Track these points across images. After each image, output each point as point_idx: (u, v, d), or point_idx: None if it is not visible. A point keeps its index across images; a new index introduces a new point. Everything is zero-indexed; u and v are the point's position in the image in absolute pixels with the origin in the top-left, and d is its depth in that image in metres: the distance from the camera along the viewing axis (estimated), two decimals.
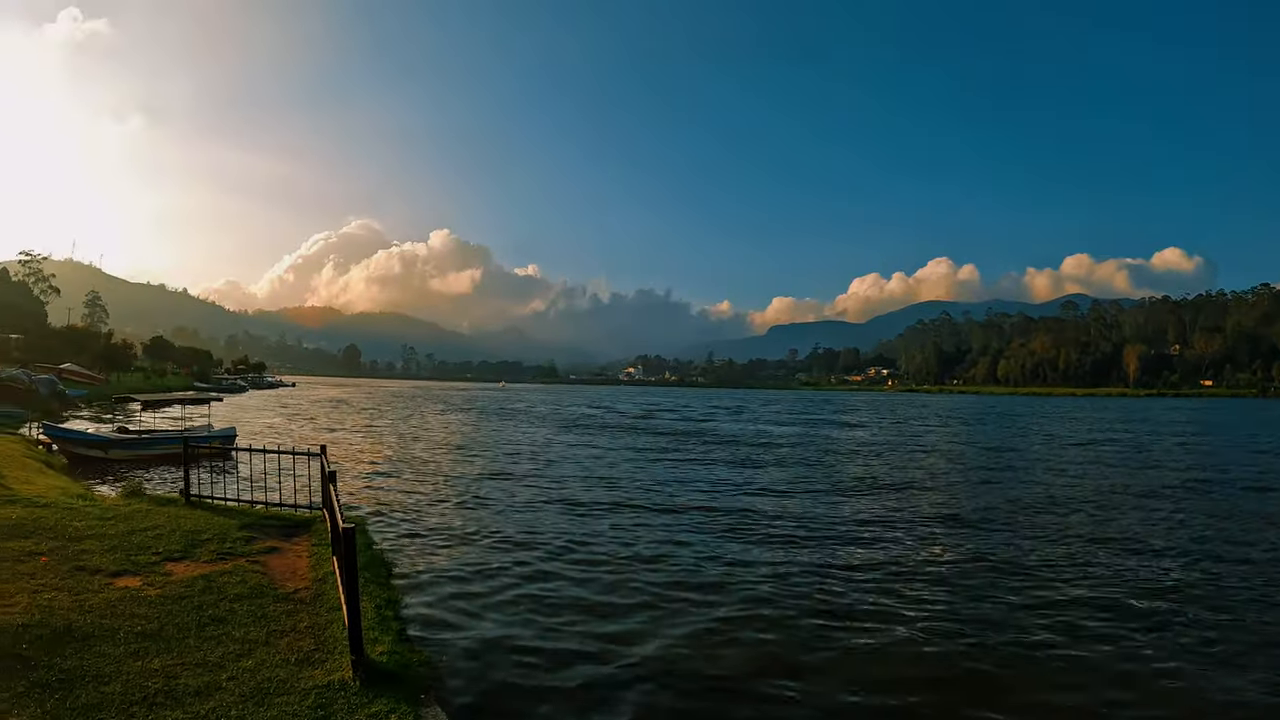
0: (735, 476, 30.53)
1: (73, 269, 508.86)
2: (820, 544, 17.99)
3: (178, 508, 16.77)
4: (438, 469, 32.13)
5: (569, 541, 17.63)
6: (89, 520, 14.58)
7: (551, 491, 25.25)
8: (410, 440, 46.22)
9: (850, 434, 54.06)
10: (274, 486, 17.57)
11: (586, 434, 51.06)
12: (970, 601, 13.63)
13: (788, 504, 23.79)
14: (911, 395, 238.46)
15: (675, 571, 15.14)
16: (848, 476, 30.49)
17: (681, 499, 24.25)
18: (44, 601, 9.73)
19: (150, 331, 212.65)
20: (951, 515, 21.98)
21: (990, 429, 61.52)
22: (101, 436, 32.81)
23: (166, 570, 11.78)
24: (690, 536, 18.45)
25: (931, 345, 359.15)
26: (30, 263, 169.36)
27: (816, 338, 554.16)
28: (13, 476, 19.68)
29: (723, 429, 57.51)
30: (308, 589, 11.35)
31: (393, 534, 18.38)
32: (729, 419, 70.77)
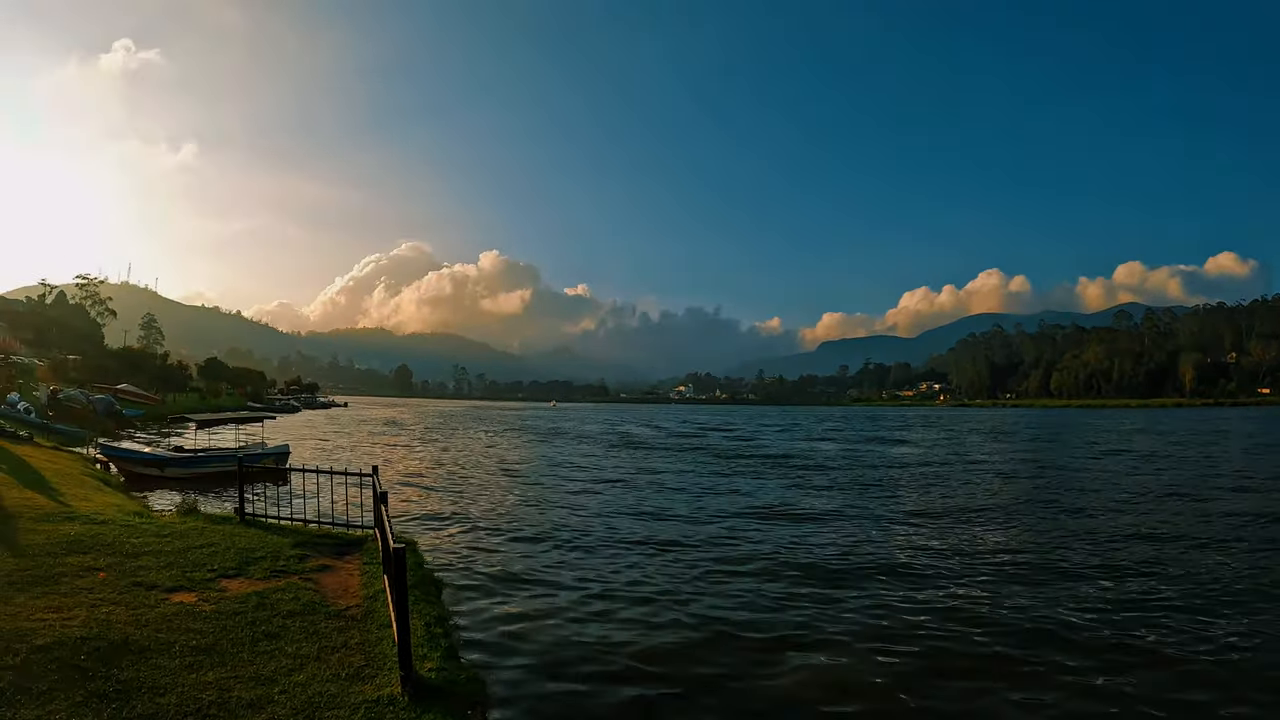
0: (795, 502, 29.74)
1: (129, 292, 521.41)
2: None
3: (232, 525, 17.09)
4: (489, 489, 32.30)
5: (621, 567, 17.54)
6: (146, 537, 14.92)
7: (604, 516, 25.01)
8: (461, 460, 46.49)
9: (900, 451, 53.15)
10: (326, 505, 17.81)
11: (639, 454, 50.75)
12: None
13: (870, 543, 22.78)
14: (963, 410, 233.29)
15: (731, 609, 14.76)
16: (919, 505, 29.96)
17: (745, 536, 22.91)
18: (102, 615, 10.00)
19: (205, 353, 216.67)
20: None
21: (1056, 448, 59.52)
22: (157, 455, 33.49)
23: (221, 586, 12.01)
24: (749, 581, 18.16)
25: (983, 359, 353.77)
26: (87, 286, 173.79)
27: (867, 353, 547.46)
28: (71, 494, 20.22)
29: (776, 449, 56.70)
30: (359, 606, 11.50)
31: (442, 553, 18.53)
32: (782, 438, 69.84)
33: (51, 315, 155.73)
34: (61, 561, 12.48)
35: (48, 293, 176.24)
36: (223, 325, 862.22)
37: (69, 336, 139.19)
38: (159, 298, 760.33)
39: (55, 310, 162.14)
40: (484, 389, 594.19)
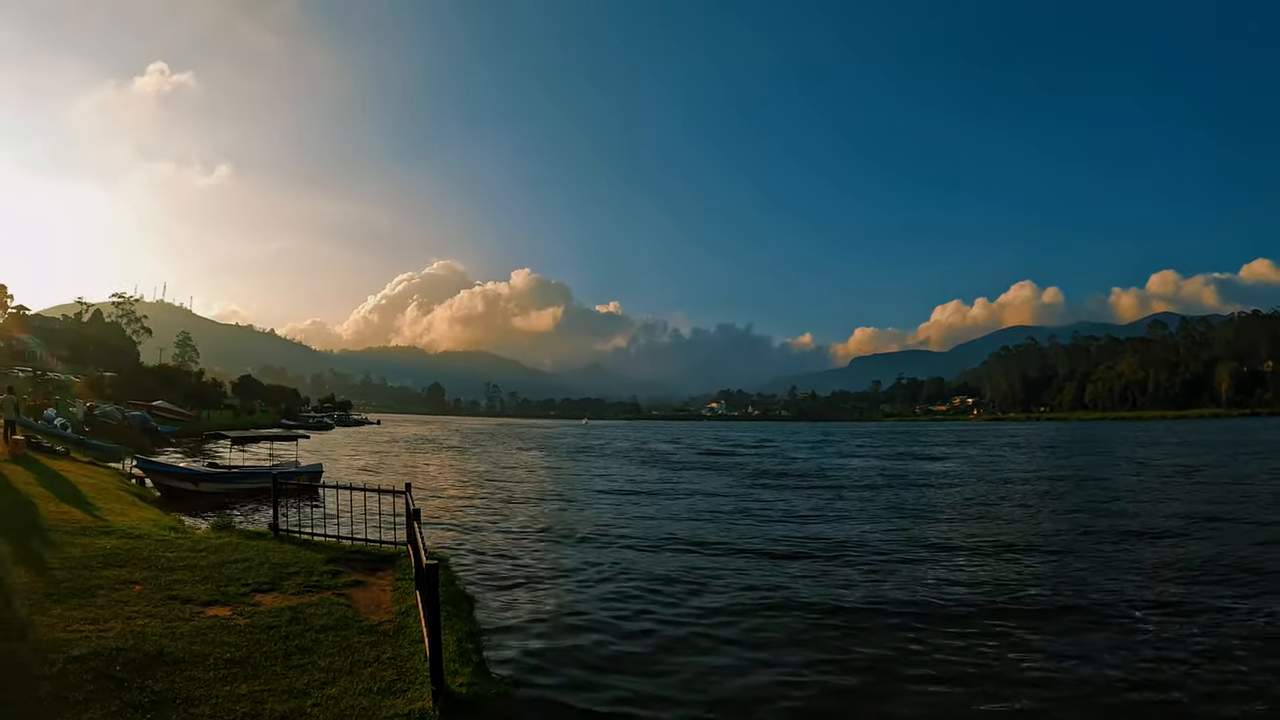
0: (830, 531, 28.97)
1: (164, 310, 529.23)
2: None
3: (266, 541, 17.27)
4: (520, 507, 32.40)
5: (652, 586, 17.51)
6: (180, 551, 15.13)
7: (636, 534, 25.00)
8: (492, 477, 46.76)
9: (936, 469, 52.25)
10: (359, 522, 17.93)
11: (670, 472, 50.61)
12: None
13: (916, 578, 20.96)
14: (997, 425, 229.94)
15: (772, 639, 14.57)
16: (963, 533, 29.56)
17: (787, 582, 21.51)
18: (137, 627, 10.15)
19: (239, 370, 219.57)
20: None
21: (1096, 464, 57.97)
22: (192, 471, 33.90)
23: (255, 601, 12.14)
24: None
25: (1016, 372, 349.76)
26: (123, 304, 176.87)
27: (899, 368, 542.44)
28: (107, 508, 20.54)
29: (809, 466, 56.20)
30: (391, 622, 11.58)
31: (474, 570, 18.68)
32: (816, 455, 69.15)
33: (88, 333, 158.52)
34: (98, 574, 12.69)
35: (84, 311, 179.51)
36: (257, 343, 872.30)
37: (105, 353, 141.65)
38: (194, 316, 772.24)
39: (91, 328, 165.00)
40: (516, 406, 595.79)
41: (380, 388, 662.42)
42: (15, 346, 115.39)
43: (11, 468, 26.01)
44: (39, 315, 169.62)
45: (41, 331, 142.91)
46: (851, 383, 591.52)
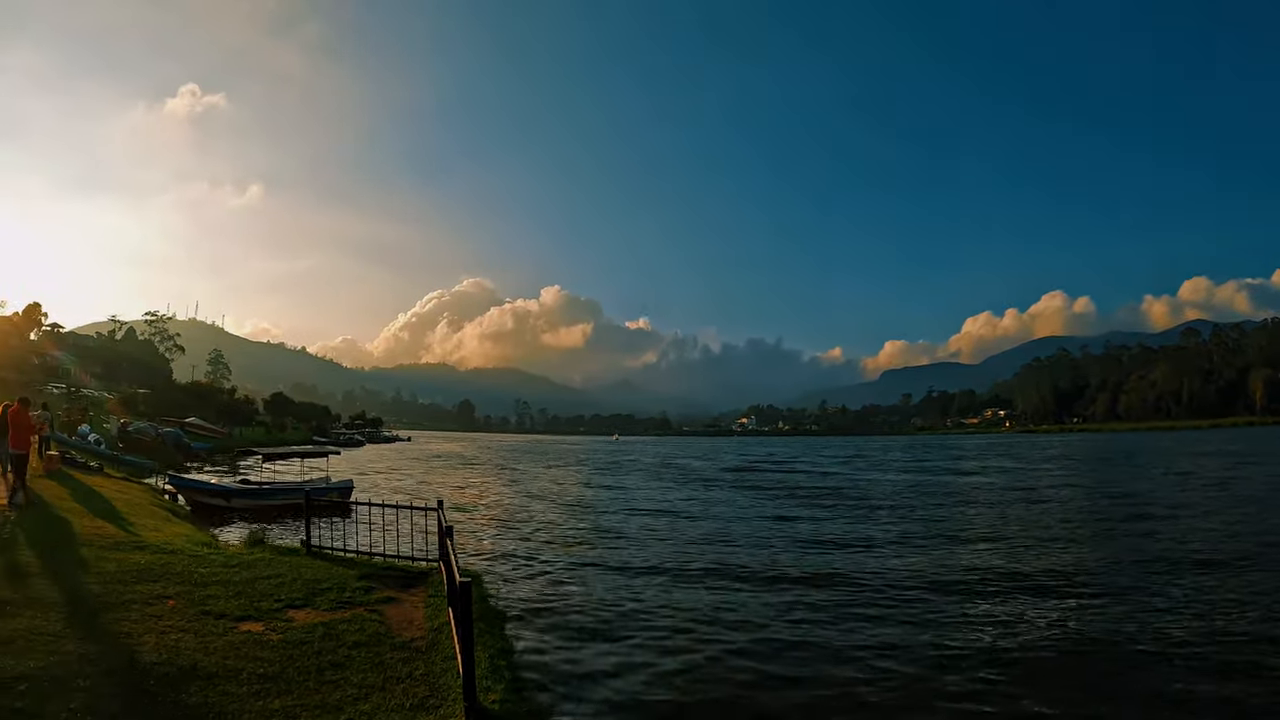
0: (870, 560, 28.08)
1: (196, 328, 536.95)
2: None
3: (298, 557, 17.37)
4: (550, 522, 32.54)
5: (680, 605, 17.45)
6: (214, 567, 15.23)
7: (668, 553, 24.89)
8: (522, 494, 47.01)
9: (972, 482, 51.24)
10: (390, 538, 17.99)
11: (702, 489, 50.37)
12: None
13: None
14: (1030, 437, 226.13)
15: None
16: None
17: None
18: (171, 642, 10.22)
19: (270, 388, 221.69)
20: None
21: (1133, 479, 56.21)
22: (224, 487, 34.25)
23: (288, 617, 12.19)
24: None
25: (1048, 383, 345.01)
26: (156, 322, 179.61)
27: (930, 381, 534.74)
28: (141, 524, 20.75)
29: (844, 483, 55.34)
30: (424, 638, 11.59)
31: (505, 586, 18.80)
32: (849, 471, 68.16)
33: (121, 350, 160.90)
34: (131, 589, 12.80)
35: (118, 329, 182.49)
36: (288, 361, 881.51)
37: (138, 371, 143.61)
38: (226, 334, 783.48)
39: (125, 345, 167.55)
40: (546, 423, 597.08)
41: (411, 405, 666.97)
42: (49, 363, 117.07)
43: (46, 483, 26.31)
44: (73, 333, 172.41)
45: (75, 349, 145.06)
46: (882, 396, 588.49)
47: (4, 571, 13.11)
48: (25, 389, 74.62)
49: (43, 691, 8.17)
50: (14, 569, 13.37)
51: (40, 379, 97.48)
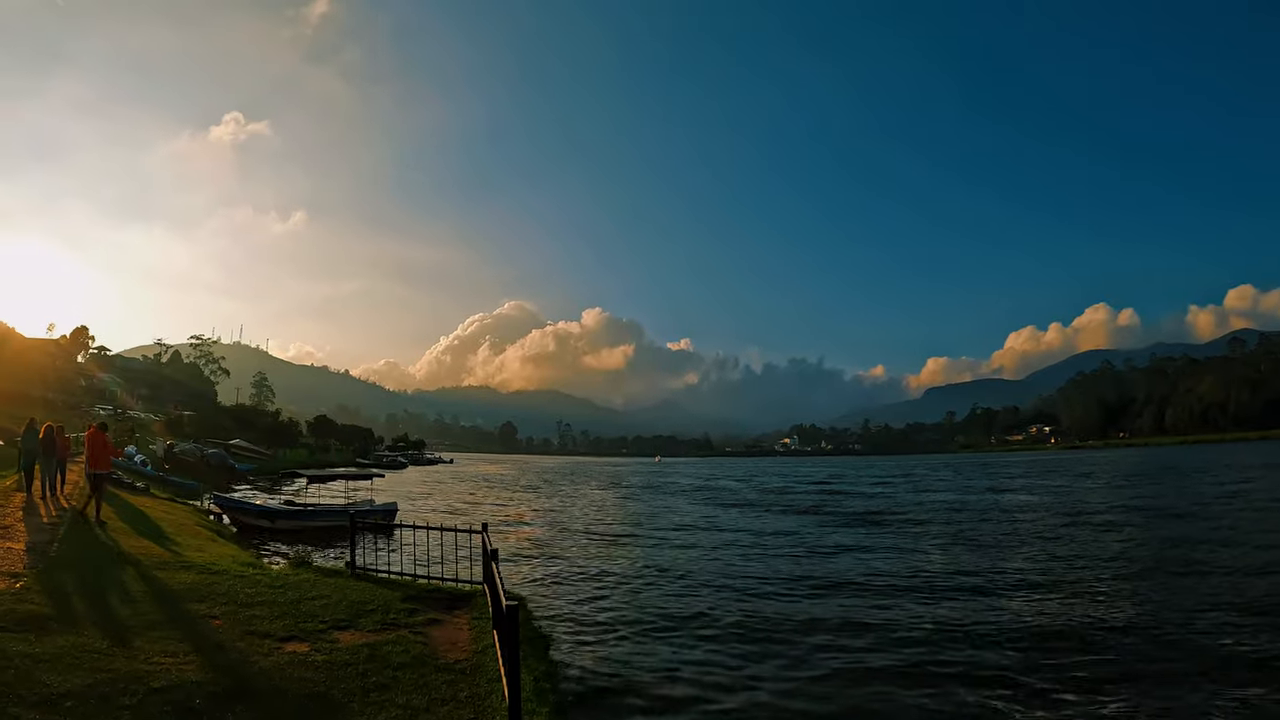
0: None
1: (240, 352, 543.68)
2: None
3: (343, 579, 17.42)
4: (592, 545, 32.65)
5: (725, 632, 17.39)
6: (259, 587, 15.34)
7: (710, 577, 24.78)
8: (562, 516, 47.18)
9: (1021, 500, 49.60)
10: (434, 560, 18.02)
11: (746, 512, 49.75)
12: None
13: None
14: (1075, 453, 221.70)
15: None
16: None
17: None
18: (217, 661, 10.30)
19: (314, 410, 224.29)
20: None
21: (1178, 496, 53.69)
22: (269, 508, 34.63)
23: (333, 638, 12.22)
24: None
25: (1093, 398, 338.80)
26: (201, 345, 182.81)
27: (974, 397, 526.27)
28: (186, 544, 20.99)
29: (889, 505, 53.68)
30: (468, 660, 11.55)
31: (548, 609, 18.86)
32: (894, 492, 66.52)
33: (166, 373, 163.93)
34: (178, 608, 12.95)
35: (163, 352, 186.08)
36: (331, 384, 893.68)
37: (183, 393, 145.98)
38: (270, 357, 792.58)
39: (170, 368, 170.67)
40: (588, 445, 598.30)
41: (453, 427, 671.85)
42: (96, 385, 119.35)
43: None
44: (120, 356, 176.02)
45: (122, 371, 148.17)
46: (925, 414, 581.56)
47: (52, 589, 13.27)
48: (72, 411, 76.17)
49: (89, 709, 8.23)
50: (61, 587, 13.54)
51: (87, 401, 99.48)
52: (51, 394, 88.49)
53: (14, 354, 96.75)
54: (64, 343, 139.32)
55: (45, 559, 15.65)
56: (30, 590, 12.95)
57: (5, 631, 10.51)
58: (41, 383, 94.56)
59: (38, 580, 13.75)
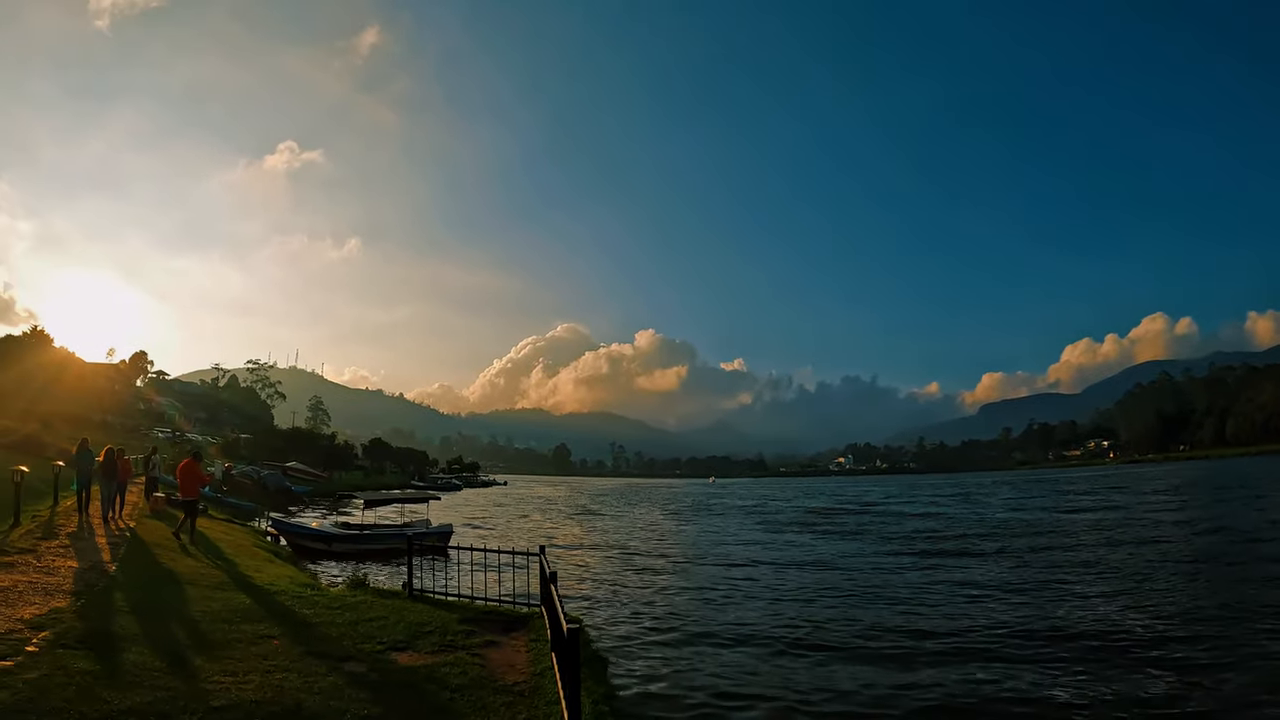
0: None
1: (296, 376, 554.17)
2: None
3: (400, 600, 17.49)
4: (649, 567, 32.50)
5: (782, 657, 17.18)
6: (317, 608, 15.45)
7: (773, 604, 24.36)
8: (616, 537, 47.16)
9: (1090, 519, 47.39)
10: (491, 583, 18.02)
11: (806, 535, 48.60)
12: None
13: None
14: (1135, 468, 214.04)
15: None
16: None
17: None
18: (275, 681, 10.31)
19: (369, 433, 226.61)
20: None
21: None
22: (325, 530, 35.00)
23: (391, 659, 12.23)
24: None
25: (1151, 410, 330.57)
26: (257, 370, 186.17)
27: (1030, 413, 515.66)
28: (245, 564, 21.26)
29: (958, 528, 51.15)
30: (526, 682, 11.51)
31: (604, 631, 18.87)
32: (958, 511, 63.71)
33: (223, 397, 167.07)
34: (236, 628, 13.03)
35: (221, 376, 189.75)
36: (386, 407, 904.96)
37: (240, 416, 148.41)
38: (325, 381, 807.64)
39: (227, 393, 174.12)
40: (641, 466, 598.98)
41: (507, 449, 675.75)
42: (154, 409, 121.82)
43: (153, 523, 27.23)
44: (178, 380, 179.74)
45: (180, 396, 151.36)
46: (981, 430, 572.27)
47: (111, 608, 13.45)
48: (130, 434, 77.70)
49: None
50: (121, 606, 13.71)
51: (145, 424, 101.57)
52: (110, 417, 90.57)
53: (74, 378, 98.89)
54: (123, 367, 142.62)
55: (105, 578, 15.90)
56: (90, 609, 13.13)
57: (66, 649, 10.65)
58: (100, 406, 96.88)
59: (97, 599, 13.96)
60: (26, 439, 47.55)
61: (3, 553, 16.77)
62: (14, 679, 9.14)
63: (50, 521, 22.80)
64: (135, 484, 35.21)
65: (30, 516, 22.75)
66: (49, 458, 34.62)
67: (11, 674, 9.31)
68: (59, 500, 26.33)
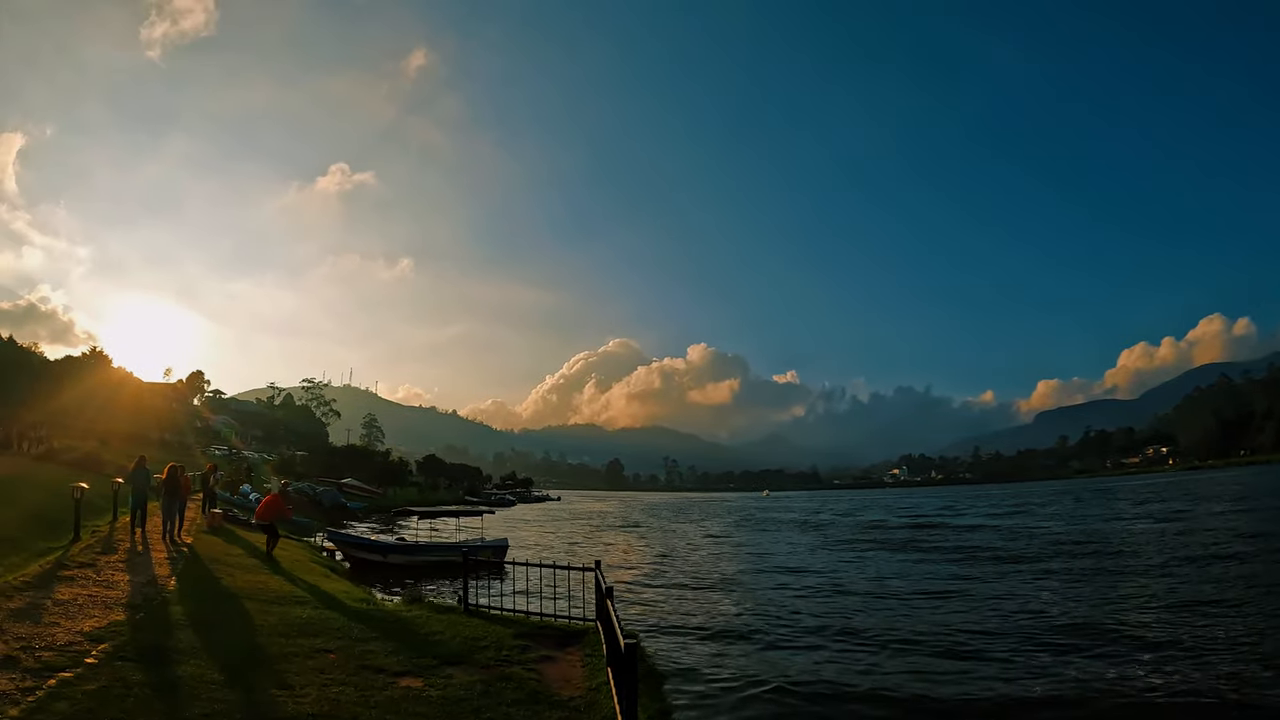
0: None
1: (350, 394, 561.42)
2: None
3: (456, 615, 17.52)
4: (702, 582, 32.36)
5: (845, 686, 16.90)
6: (373, 623, 15.53)
7: (831, 622, 23.76)
8: (668, 553, 47.22)
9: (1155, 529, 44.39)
10: (546, 597, 18.00)
11: (869, 553, 46.20)
12: None
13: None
14: (1194, 474, 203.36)
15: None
16: None
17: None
18: (332, 695, 10.36)
19: (423, 450, 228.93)
20: None
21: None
22: (381, 544, 35.32)
23: (447, 674, 12.22)
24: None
25: (1210, 415, 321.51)
26: (312, 388, 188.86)
27: (1087, 420, 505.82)
28: (301, 579, 21.45)
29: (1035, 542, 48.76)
30: (581, 698, 11.45)
31: (657, 647, 18.88)
32: (1026, 523, 60.39)
33: (279, 416, 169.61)
34: (293, 642, 13.12)
35: (276, 395, 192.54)
36: (439, 424, 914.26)
37: (295, 434, 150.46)
38: (379, 399, 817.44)
39: (282, 411, 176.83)
40: (694, 480, 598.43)
41: (560, 465, 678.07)
42: (211, 427, 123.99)
43: (210, 539, 27.63)
44: (234, 398, 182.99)
45: (236, 414, 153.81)
46: (1037, 439, 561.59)
47: (170, 622, 13.63)
48: (187, 451, 79.15)
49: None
50: (179, 619, 13.89)
51: (203, 442, 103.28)
52: (168, 435, 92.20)
53: (132, 397, 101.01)
54: (180, 387, 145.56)
55: (163, 592, 16.14)
56: (148, 622, 13.33)
57: (125, 661, 10.80)
58: (158, 425, 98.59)
59: (155, 612, 14.17)
60: (86, 456, 48.54)
61: (64, 567, 17.10)
62: (74, 690, 9.28)
63: (109, 537, 23.28)
64: (193, 500, 35.72)
65: (90, 531, 23.23)
66: (108, 475, 35.26)
67: (72, 685, 9.46)
68: (118, 516, 26.83)
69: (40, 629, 11.97)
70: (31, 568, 16.57)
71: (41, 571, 16.25)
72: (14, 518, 22.71)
